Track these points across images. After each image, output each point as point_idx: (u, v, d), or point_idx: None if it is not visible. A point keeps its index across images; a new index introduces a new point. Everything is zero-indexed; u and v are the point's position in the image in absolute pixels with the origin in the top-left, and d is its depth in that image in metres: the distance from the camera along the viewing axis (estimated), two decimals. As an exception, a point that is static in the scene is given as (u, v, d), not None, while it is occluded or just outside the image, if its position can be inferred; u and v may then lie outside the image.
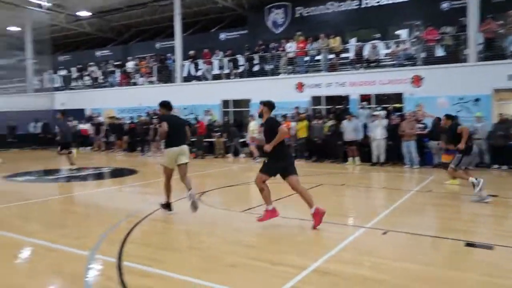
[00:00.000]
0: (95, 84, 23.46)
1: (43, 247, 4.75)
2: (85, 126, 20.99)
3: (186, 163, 6.49)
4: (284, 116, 14.98)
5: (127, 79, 22.28)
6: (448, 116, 8.49)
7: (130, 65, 22.76)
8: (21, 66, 27.14)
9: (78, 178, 11.19)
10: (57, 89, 25.07)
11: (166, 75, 20.90)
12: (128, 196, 8.69)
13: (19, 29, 26.69)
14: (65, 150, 12.47)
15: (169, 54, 21.60)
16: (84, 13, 24.31)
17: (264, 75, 17.70)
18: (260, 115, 5.88)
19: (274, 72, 17.56)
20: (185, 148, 6.47)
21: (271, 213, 5.68)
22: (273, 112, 5.92)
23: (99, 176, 11.91)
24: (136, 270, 3.97)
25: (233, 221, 6.12)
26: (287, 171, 5.55)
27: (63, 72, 25.62)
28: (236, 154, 16.40)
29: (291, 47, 17.41)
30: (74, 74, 25.15)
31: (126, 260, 4.25)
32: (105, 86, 22.94)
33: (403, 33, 17.47)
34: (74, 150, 12.83)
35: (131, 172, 12.19)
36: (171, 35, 21.77)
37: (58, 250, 4.64)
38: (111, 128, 19.46)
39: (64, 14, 24.79)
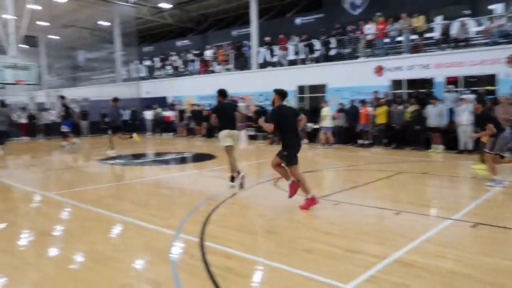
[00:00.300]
0: (176, 73, 24.64)
1: (134, 225, 5.17)
2: (168, 113, 22.21)
3: (231, 146, 7.35)
4: (363, 102, 14.49)
5: (206, 67, 23.07)
6: (478, 101, 8.08)
7: (208, 53, 23.51)
8: (111, 58, 29.38)
9: (162, 162, 11.93)
10: (142, 78, 26.77)
11: (242, 62, 21.26)
12: (208, 180, 9.07)
13: (108, 23, 28.83)
14: (124, 134, 13.58)
15: (245, 41, 21.92)
16: (165, 5, 25.54)
17: (341, 59, 17.23)
18: (273, 103, 6.07)
19: (352, 56, 17.00)
20: (233, 132, 7.40)
21: (311, 201, 5.80)
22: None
23: (181, 160, 12.56)
24: (217, 251, 4.17)
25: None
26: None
27: (148, 63, 27.22)
28: (311, 139, 16.26)
29: (370, 29, 16.70)
30: (157, 64, 26.62)
31: (207, 240, 4.47)
32: (185, 75, 24.00)
33: (497, 7, 15.85)
34: (134, 134, 13.72)
35: (210, 157, 12.68)
36: (247, 22, 22.04)
37: (147, 228, 5.02)
38: (192, 115, 20.37)
39: (147, 7, 26.23)
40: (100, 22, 29.12)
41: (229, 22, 27.33)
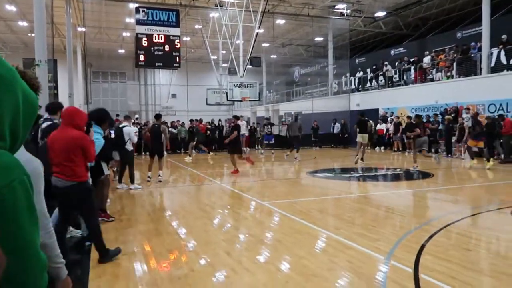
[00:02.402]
0: (389, 83, 23.90)
1: (340, 243, 5.13)
2: (381, 126, 21.66)
3: None
4: None
5: (423, 76, 21.60)
6: None
7: (426, 60, 21.96)
8: (323, 71, 30.87)
9: (372, 178, 11.66)
10: (352, 90, 27.06)
11: (467, 68, 18.99)
12: (423, 202, 8.34)
13: (322, 39, 30.40)
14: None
15: (473, 43, 19.53)
16: (380, 13, 25.23)
17: None
18: None
19: None
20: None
21: None
22: None
23: (393, 177, 12.01)
24: (434, 287, 3.69)
25: None
26: None
27: (359, 74, 27.36)
28: None
29: None
30: (369, 75, 26.46)
31: (423, 273, 4.03)
32: (399, 85, 23.04)
33: None
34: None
35: (426, 175, 11.69)
36: (475, 21, 19.62)
37: (354, 248, 4.89)
38: (406, 127, 19.34)
39: (361, 17, 26.46)
40: (315, 38, 31.00)
41: (453, 23, 24.91)
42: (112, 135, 7.89)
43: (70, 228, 5.65)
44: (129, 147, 9.28)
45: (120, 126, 9.53)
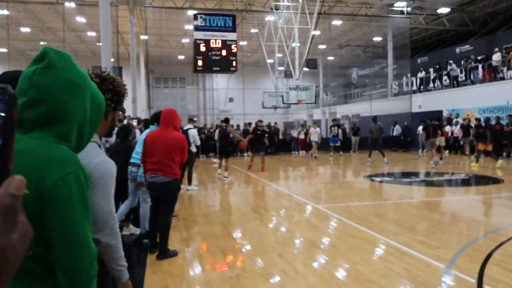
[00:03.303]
0: (454, 83, 22.67)
1: (398, 250, 4.94)
2: (446, 129, 20.49)
3: None
4: None
5: (492, 74, 20.26)
6: None
7: (495, 57, 20.57)
8: (382, 72, 29.95)
9: (434, 183, 11.13)
10: (414, 92, 25.98)
11: (543, 65, 17.56)
12: (489, 209, 7.82)
13: (381, 38, 29.53)
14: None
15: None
16: (444, 10, 24.05)
17: None
18: None
19: None
20: None
21: None
22: None
23: (458, 182, 11.40)
24: (500, 300, 3.45)
25: None
26: None
27: (421, 74, 26.22)
28: None
29: None
30: (432, 75, 25.29)
31: (488, 283, 3.77)
32: (465, 85, 21.80)
33: None
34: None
35: (495, 181, 10.96)
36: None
37: (412, 255, 4.69)
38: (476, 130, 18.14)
39: (423, 15, 25.39)
40: (374, 38, 30.18)
41: (526, 17, 23.17)
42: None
43: (130, 225, 5.93)
44: (193, 149, 9.58)
45: (185, 128, 9.88)
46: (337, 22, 26.50)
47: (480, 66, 21.22)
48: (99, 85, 1.79)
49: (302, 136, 23.58)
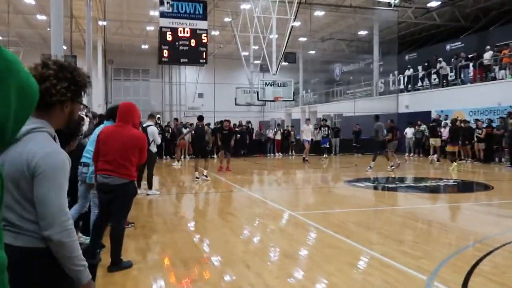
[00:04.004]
0: (444, 82, 23.29)
1: (378, 260, 5.00)
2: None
3: None
4: None
5: (483, 74, 20.91)
6: None
7: (487, 56, 21.24)
8: (368, 69, 30.47)
9: (420, 189, 11.38)
10: (401, 91, 26.53)
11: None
12: (478, 217, 8.04)
13: (366, 32, 30.03)
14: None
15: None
16: (434, 3, 24.66)
17: None
18: None
19: None
20: None
21: None
22: None
23: (446, 189, 11.69)
24: (484, 313, 3.54)
25: None
26: None
27: (409, 72, 26.79)
28: None
29: None
30: (420, 73, 25.88)
31: (471, 296, 3.87)
32: (455, 84, 22.42)
33: None
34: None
35: (485, 187, 11.30)
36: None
37: (393, 266, 4.76)
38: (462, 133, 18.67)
39: (412, 8, 25.95)
40: (359, 32, 30.66)
41: (520, 13, 24.03)
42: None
43: (79, 233, 5.80)
44: (153, 148, 9.46)
45: (144, 125, 9.75)
46: (319, 13, 26.81)
47: (471, 64, 21.87)
48: (55, 72, 1.80)
49: (278, 137, 23.74)
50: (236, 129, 22.25)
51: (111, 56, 31.24)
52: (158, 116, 19.60)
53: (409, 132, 22.31)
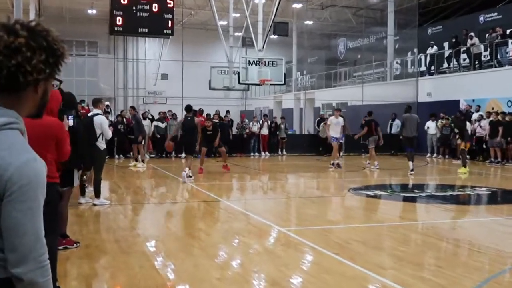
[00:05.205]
0: (476, 64, 23.49)
1: (391, 290, 5.07)
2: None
3: None
4: None
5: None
6: None
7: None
8: (380, 45, 30.61)
9: (444, 200, 11.48)
10: (422, 74, 26.73)
11: None
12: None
13: (379, -2, 30.23)
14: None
15: None
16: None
17: None
18: None
19: None
20: None
21: None
22: None
23: (476, 199, 11.87)
24: None
25: None
26: None
27: (432, 50, 26.94)
28: None
29: None
30: (446, 51, 26.07)
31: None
32: (490, 66, 22.67)
33: None
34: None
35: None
36: None
37: (410, 297, 4.82)
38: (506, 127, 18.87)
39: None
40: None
41: None
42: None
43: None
44: (101, 144, 9.37)
45: (90, 114, 9.66)
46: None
47: (510, 41, 22.13)
48: (26, 40, 1.64)
49: (265, 132, 23.68)
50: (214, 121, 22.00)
51: (47, 24, 30.85)
52: (107, 103, 19.46)
53: (431, 126, 22.52)
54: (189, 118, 13.88)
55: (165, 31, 19.55)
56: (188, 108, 14.13)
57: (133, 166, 17.49)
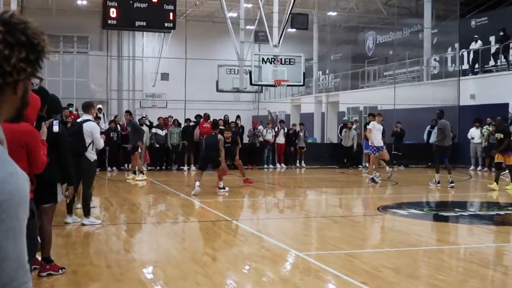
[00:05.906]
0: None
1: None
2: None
3: None
4: None
5: None
6: None
7: None
8: (415, 40, 30.53)
9: (491, 220, 11.45)
10: (464, 73, 26.57)
11: None
12: None
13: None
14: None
15: None
16: None
17: None
18: None
19: None
20: None
21: None
22: None
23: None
24: None
25: None
26: None
27: (476, 45, 26.80)
28: None
29: None
30: (493, 47, 25.93)
31: None
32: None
33: None
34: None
35: None
36: None
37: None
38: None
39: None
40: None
41: None
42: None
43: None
44: (91, 155, 9.41)
45: (79, 120, 9.72)
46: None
47: None
48: (2, 36, 1.63)
49: (281, 140, 23.61)
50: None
51: (31, 17, 31.14)
52: (99, 106, 19.50)
53: (476, 134, 22.33)
54: (213, 134, 14.88)
55: (165, 25, 19.72)
56: (215, 125, 15.80)
57: (132, 179, 17.55)
